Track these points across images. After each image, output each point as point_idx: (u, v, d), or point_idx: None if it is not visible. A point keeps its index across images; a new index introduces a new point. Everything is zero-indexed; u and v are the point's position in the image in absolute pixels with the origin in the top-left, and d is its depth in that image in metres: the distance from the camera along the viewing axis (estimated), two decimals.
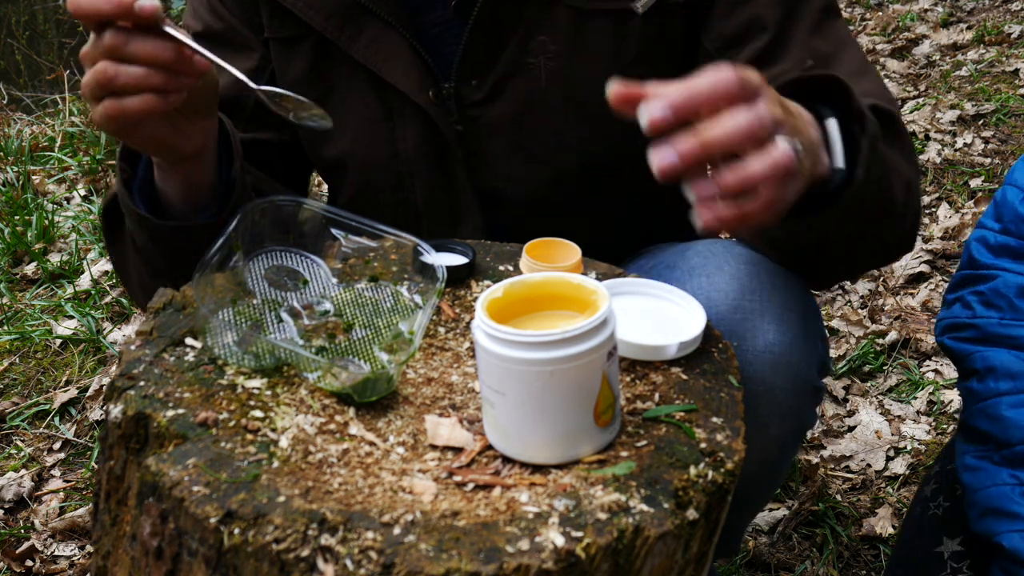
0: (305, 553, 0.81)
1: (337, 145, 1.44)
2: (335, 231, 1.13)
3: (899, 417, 2.41)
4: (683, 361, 1.06)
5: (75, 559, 2.19)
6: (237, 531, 0.82)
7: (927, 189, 3.31)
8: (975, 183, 3.35)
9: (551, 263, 1.18)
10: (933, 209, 3.20)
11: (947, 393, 2.46)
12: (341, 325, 1.07)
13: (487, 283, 1.20)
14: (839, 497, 2.19)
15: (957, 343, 1.47)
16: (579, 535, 0.82)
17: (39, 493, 2.39)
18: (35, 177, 3.97)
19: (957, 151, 3.53)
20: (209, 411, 0.94)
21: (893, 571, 1.63)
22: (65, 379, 2.76)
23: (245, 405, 0.96)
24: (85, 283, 3.18)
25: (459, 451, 0.94)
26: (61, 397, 2.67)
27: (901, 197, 1.21)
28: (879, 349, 2.62)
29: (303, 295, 1.11)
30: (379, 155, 1.42)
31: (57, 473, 2.45)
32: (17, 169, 3.95)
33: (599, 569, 0.82)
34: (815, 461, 2.27)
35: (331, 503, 0.85)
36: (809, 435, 2.28)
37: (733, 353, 1.08)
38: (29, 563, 2.17)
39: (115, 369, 1.01)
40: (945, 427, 2.37)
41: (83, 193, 3.85)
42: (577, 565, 0.81)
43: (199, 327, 1.04)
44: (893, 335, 2.64)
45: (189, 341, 1.04)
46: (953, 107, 3.87)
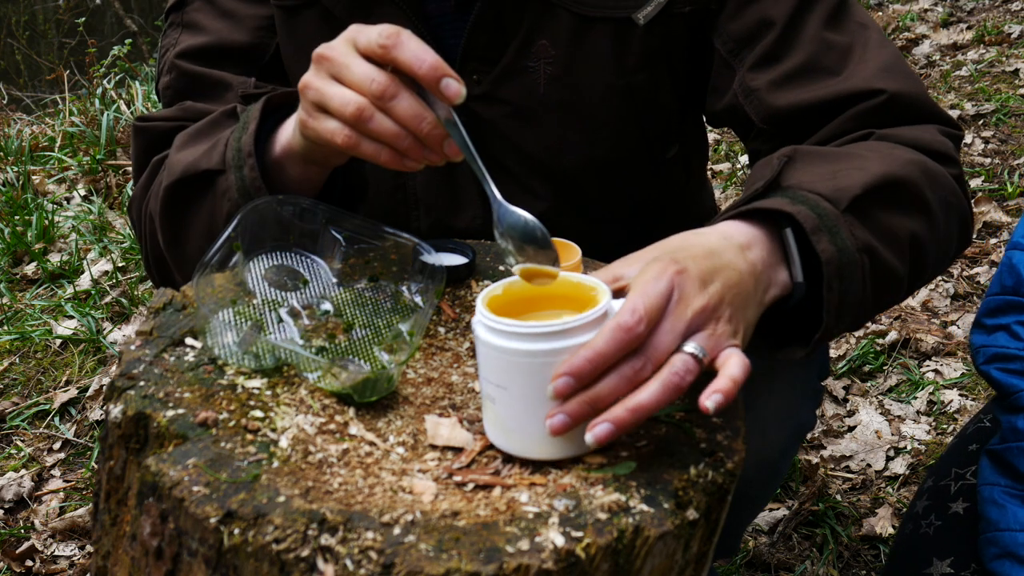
0: (305, 553, 0.81)
1: None
2: (335, 231, 1.13)
3: (899, 417, 2.41)
4: None
5: (75, 559, 2.19)
6: (237, 531, 0.82)
7: None
8: (975, 183, 3.34)
9: None
10: None
11: (947, 393, 2.46)
12: (341, 325, 1.07)
13: (487, 283, 1.20)
14: (839, 497, 2.19)
15: (1007, 376, 1.39)
16: (579, 535, 0.82)
17: (39, 493, 2.39)
18: (35, 177, 3.97)
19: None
20: (209, 411, 0.94)
21: None
22: (65, 379, 2.76)
23: (245, 405, 0.96)
24: (85, 283, 3.18)
25: (459, 451, 0.94)
26: (61, 397, 2.67)
27: (903, 269, 1.12)
28: (879, 349, 2.62)
29: (303, 295, 1.10)
30: None
31: (57, 473, 2.45)
32: (17, 169, 3.95)
33: (599, 569, 0.82)
34: (815, 461, 2.27)
35: (331, 503, 0.85)
36: (809, 435, 2.28)
37: None
38: (29, 563, 2.18)
39: (115, 369, 1.01)
40: (945, 427, 2.37)
41: (83, 193, 3.85)
42: (577, 565, 0.81)
43: (199, 327, 1.04)
44: (893, 335, 2.64)
45: (189, 341, 1.04)
46: (953, 107, 3.87)
